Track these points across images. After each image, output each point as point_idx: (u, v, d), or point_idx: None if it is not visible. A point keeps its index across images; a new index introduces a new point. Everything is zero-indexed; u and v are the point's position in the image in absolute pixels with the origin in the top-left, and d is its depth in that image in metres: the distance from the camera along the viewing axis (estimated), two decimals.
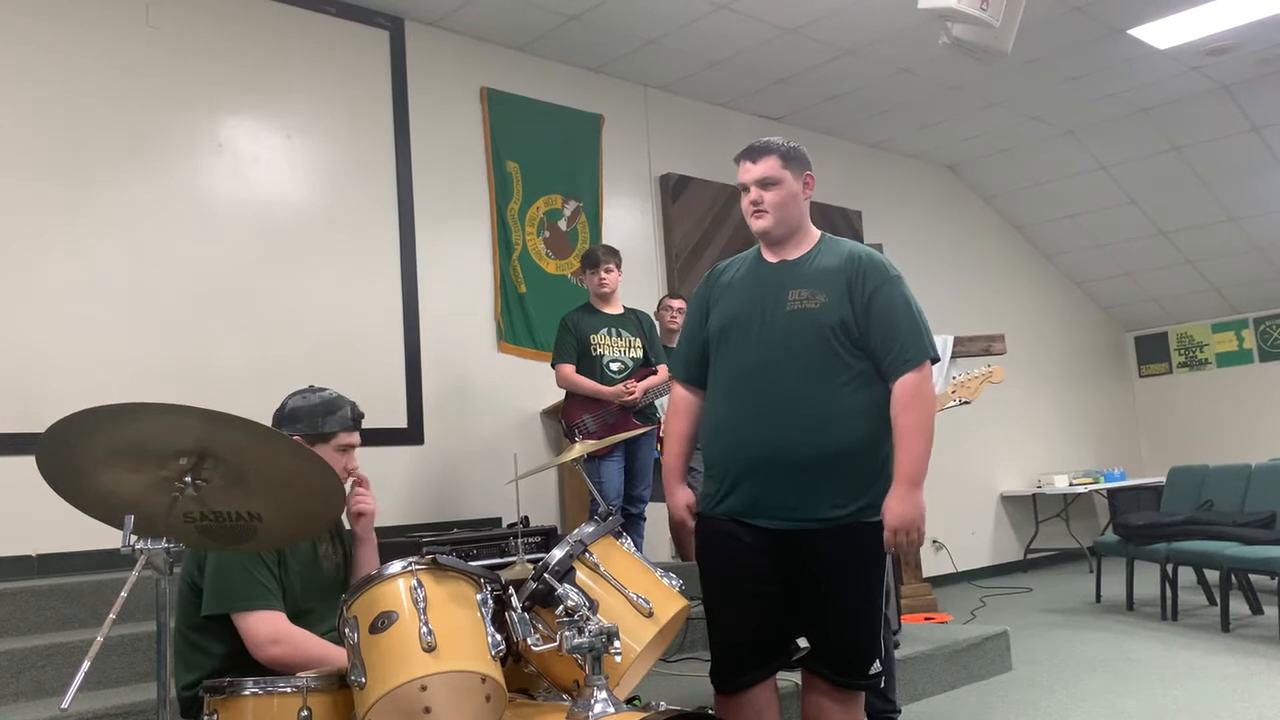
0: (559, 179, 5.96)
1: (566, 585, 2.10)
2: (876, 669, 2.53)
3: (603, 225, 6.12)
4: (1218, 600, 5.54)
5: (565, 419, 4.67)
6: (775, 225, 2.57)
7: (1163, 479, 6.67)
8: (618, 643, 1.99)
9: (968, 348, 5.28)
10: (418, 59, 5.46)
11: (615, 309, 4.74)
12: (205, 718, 1.99)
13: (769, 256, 2.62)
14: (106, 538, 2.10)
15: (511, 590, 2.11)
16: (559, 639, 1.98)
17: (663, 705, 2.06)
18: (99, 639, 1.55)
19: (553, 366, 4.68)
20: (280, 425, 2.39)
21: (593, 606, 2.04)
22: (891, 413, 2.45)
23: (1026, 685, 4.24)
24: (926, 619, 5.40)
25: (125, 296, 4.37)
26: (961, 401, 4.00)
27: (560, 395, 4.79)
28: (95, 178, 4.36)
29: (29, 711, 2.93)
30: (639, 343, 4.71)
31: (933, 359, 2.49)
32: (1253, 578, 5.72)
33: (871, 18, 5.70)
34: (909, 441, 2.42)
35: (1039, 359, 8.96)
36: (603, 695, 1.93)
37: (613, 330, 4.67)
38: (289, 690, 1.96)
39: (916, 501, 2.41)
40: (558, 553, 2.19)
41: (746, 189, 2.59)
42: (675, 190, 6.48)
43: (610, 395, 4.53)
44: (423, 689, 1.86)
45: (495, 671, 1.94)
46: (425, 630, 1.89)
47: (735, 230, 6.63)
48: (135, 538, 1.70)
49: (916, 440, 2.42)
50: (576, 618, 1.99)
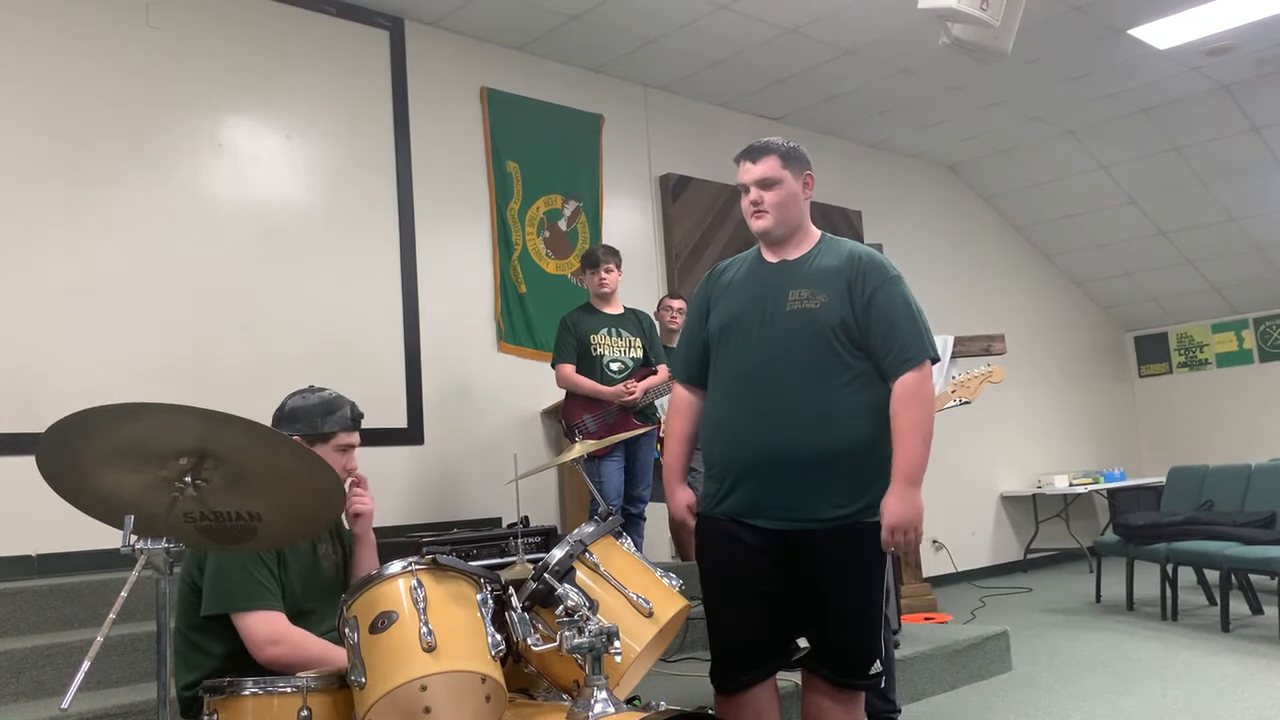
0: (559, 179, 5.96)
1: (566, 585, 2.10)
2: (877, 669, 2.53)
3: (603, 225, 6.13)
4: (1218, 600, 5.54)
5: (565, 419, 4.67)
6: (775, 225, 2.57)
7: (1163, 479, 6.67)
8: (618, 643, 1.99)
9: (968, 348, 5.28)
10: (418, 59, 5.46)
11: (615, 309, 4.74)
12: (205, 718, 1.99)
13: (769, 256, 2.62)
14: (106, 538, 2.10)
15: (511, 590, 2.11)
16: (559, 639, 1.98)
17: (663, 705, 2.06)
18: (99, 639, 1.55)
19: (553, 366, 4.68)
20: (280, 425, 2.39)
21: (593, 606, 2.04)
22: (890, 412, 2.45)
23: (1026, 685, 4.24)
24: (926, 619, 5.40)
25: (125, 296, 4.37)
26: (961, 401, 3.99)
27: (560, 395, 4.79)
28: (95, 178, 4.36)
29: (29, 711, 2.93)
30: (639, 343, 4.71)
31: (933, 359, 2.49)
32: (1253, 578, 5.72)
33: (871, 18, 5.70)
34: (907, 440, 2.42)
35: (1039, 359, 8.96)
36: (603, 695, 1.93)
37: (613, 330, 4.67)
38: (289, 690, 1.96)
39: (914, 501, 2.41)
40: (558, 553, 2.19)
41: (746, 189, 2.59)
42: (675, 190, 6.48)
43: (610, 395, 4.53)
44: (423, 689, 1.86)
45: (495, 671, 1.94)
46: (425, 630, 1.89)
47: (735, 230, 6.63)
48: (135, 538, 1.71)
49: (915, 439, 2.42)
50: (576, 618, 1.99)
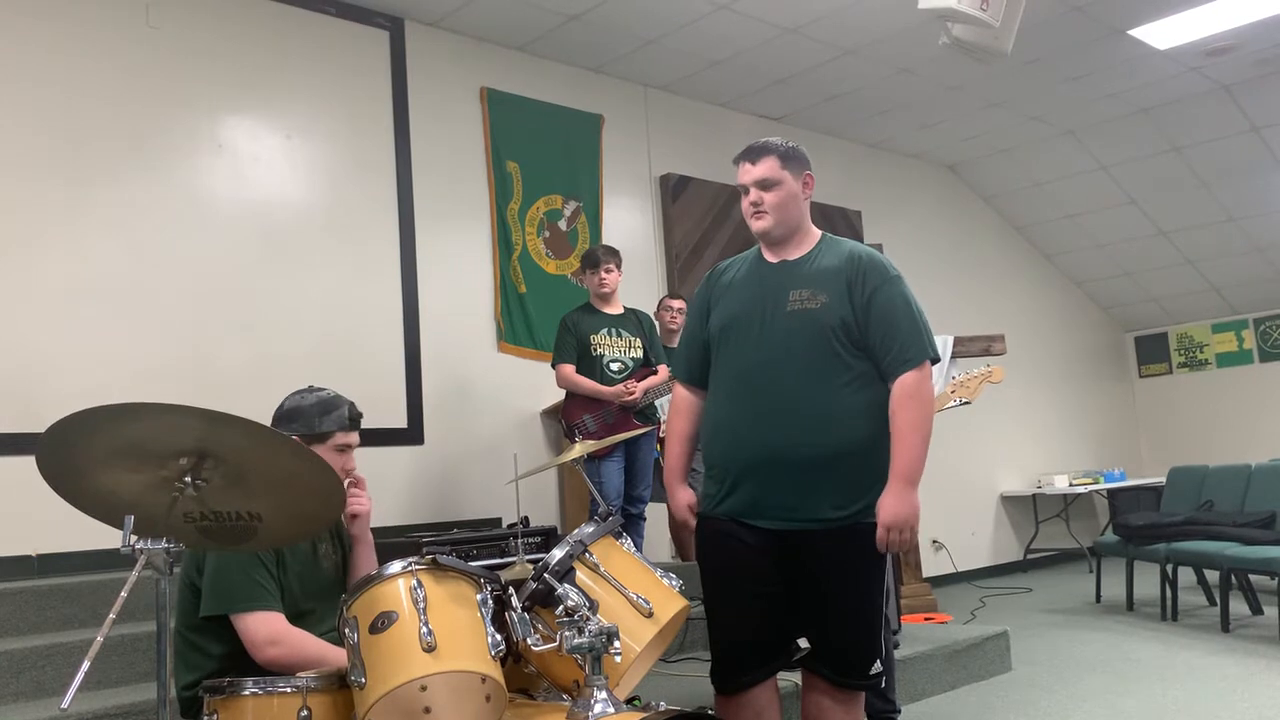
0: (559, 179, 5.96)
1: (566, 585, 2.10)
2: (877, 669, 2.53)
3: (603, 225, 6.12)
4: (1218, 600, 5.54)
5: (565, 419, 4.67)
6: (775, 226, 2.57)
7: (1163, 479, 6.67)
8: (618, 643, 1.99)
9: (967, 348, 5.28)
10: (418, 59, 5.46)
11: (615, 309, 4.74)
12: (205, 718, 1.99)
13: (769, 257, 2.62)
14: (106, 538, 2.10)
15: (511, 590, 2.11)
16: (559, 639, 1.98)
17: (663, 705, 2.06)
18: (99, 639, 1.55)
19: (553, 366, 4.68)
20: (278, 425, 2.39)
21: (593, 606, 2.04)
22: (889, 411, 2.45)
23: (1026, 685, 4.24)
24: (926, 619, 5.40)
25: (125, 296, 4.37)
26: (961, 401, 3.99)
27: (560, 395, 4.79)
28: (95, 178, 4.36)
29: (29, 711, 2.93)
30: (639, 343, 4.71)
31: (932, 359, 2.49)
32: (1253, 578, 5.72)
33: (871, 18, 5.70)
34: (906, 440, 2.42)
35: (1039, 359, 8.96)
36: (603, 695, 1.93)
37: (613, 330, 4.67)
38: (289, 690, 1.96)
39: (911, 500, 2.41)
40: (558, 553, 2.19)
41: (746, 190, 2.59)
42: (675, 190, 6.48)
43: (610, 395, 4.53)
44: (423, 689, 1.86)
45: (495, 671, 1.94)
46: (425, 630, 1.89)
47: (735, 230, 6.63)
48: (135, 538, 1.70)
49: (913, 439, 2.41)
50: (576, 618, 1.99)
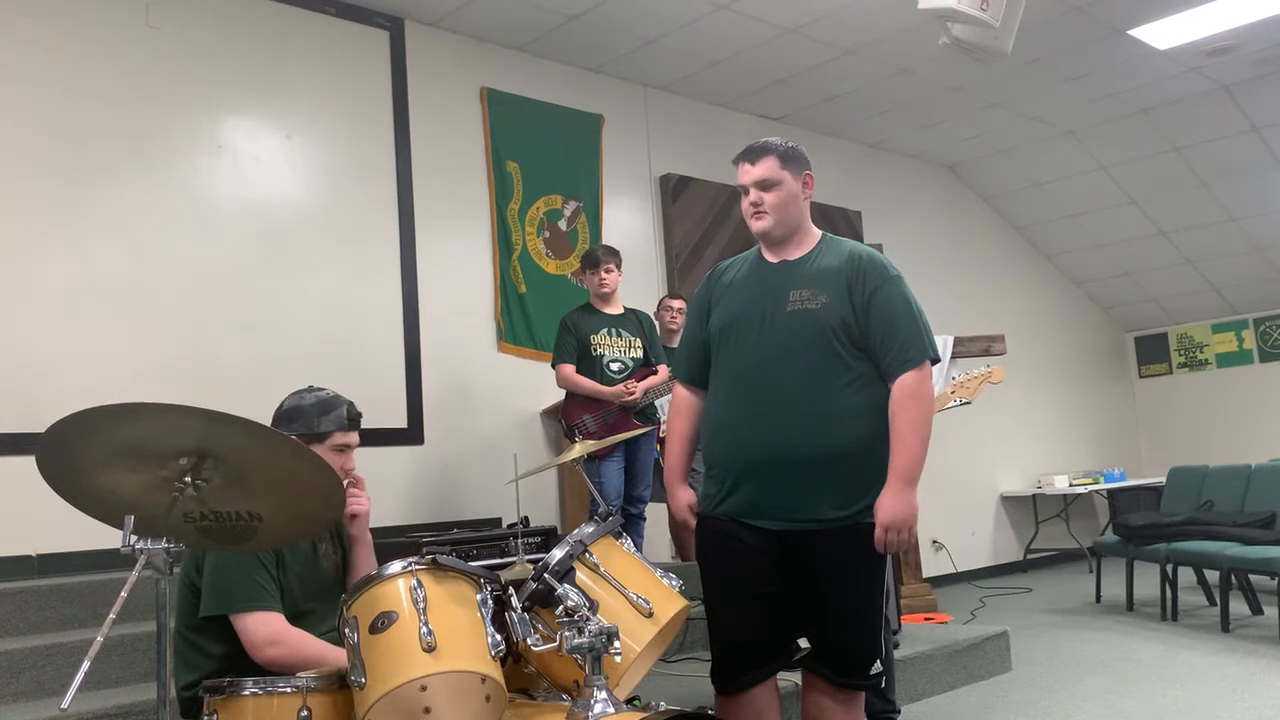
0: (559, 179, 5.96)
1: (566, 585, 2.10)
2: (877, 669, 2.53)
3: (603, 225, 6.12)
4: (1218, 600, 5.54)
5: (565, 419, 4.67)
6: (775, 226, 2.57)
7: (1163, 479, 6.67)
8: (618, 643, 1.99)
9: (967, 348, 5.28)
10: (418, 59, 5.46)
11: (615, 309, 4.74)
12: (205, 718, 1.99)
13: (770, 257, 2.62)
14: (106, 538, 2.10)
15: (511, 590, 2.11)
16: (559, 639, 1.98)
17: (663, 705, 2.06)
18: (99, 639, 1.55)
19: (553, 366, 4.68)
20: (278, 425, 2.39)
21: (593, 607, 2.04)
22: (889, 411, 2.45)
23: (1026, 685, 4.24)
24: (926, 619, 5.40)
25: (125, 296, 4.37)
26: (961, 402, 3.99)
27: (560, 395, 4.79)
28: (95, 178, 4.36)
29: (29, 711, 2.93)
30: (639, 343, 4.71)
31: (933, 359, 2.49)
32: (1253, 578, 5.72)
33: (871, 18, 5.70)
34: (905, 440, 2.41)
35: (1039, 359, 8.96)
36: (603, 695, 1.93)
37: (613, 330, 4.67)
38: (289, 690, 1.96)
39: (909, 500, 2.40)
40: (558, 553, 2.19)
41: (746, 191, 2.59)
42: (675, 190, 6.48)
43: (610, 395, 4.53)
44: (423, 689, 1.86)
45: (495, 671, 1.94)
46: (425, 630, 1.89)
47: (735, 230, 6.63)
48: (135, 538, 1.70)
49: (913, 439, 2.41)
50: (576, 618, 1.98)
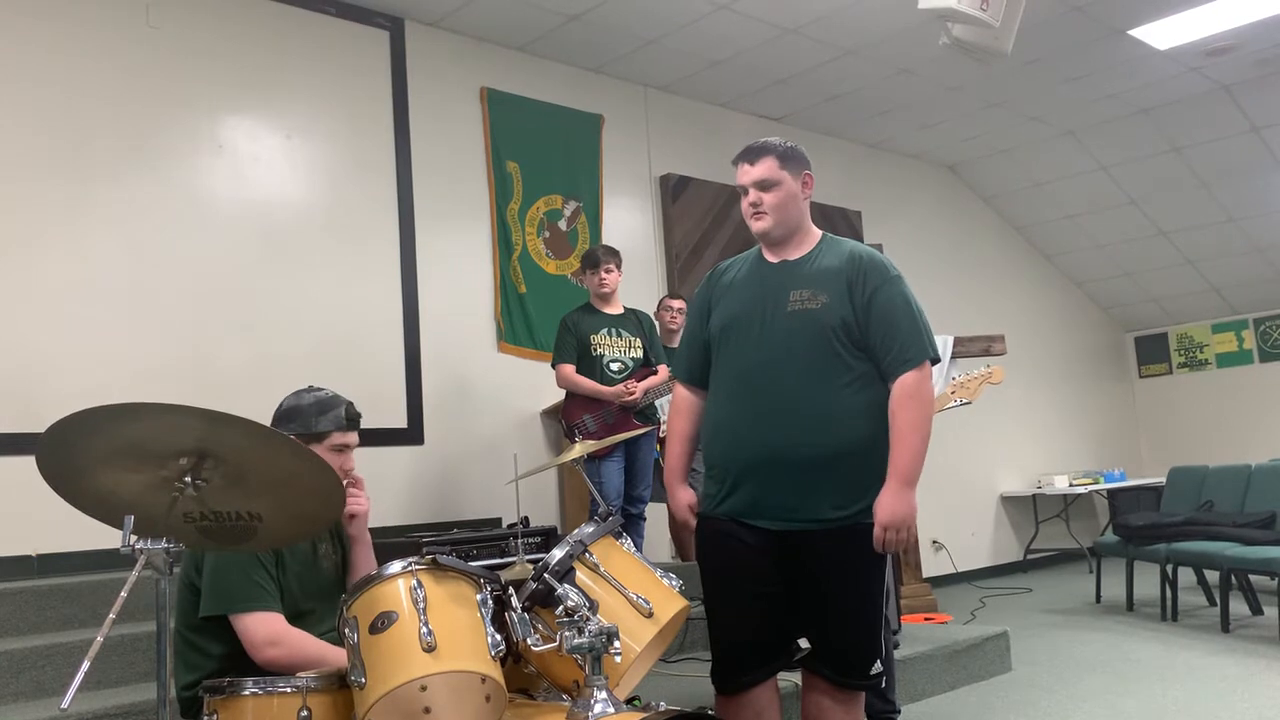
0: (559, 179, 5.96)
1: (566, 585, 2.10)
2: (877, 669, 2.53)
3: (603, 225, 6.12)
4: (1217, 601, 5.54)
5: (565, 419, 4.67)
6: (775, 226, 2.57)
7: (1163, 479, 6.67)
8: (617, 643, 1.99)
9: (967, 348, 5.27)
10: (418, 59, 5.46)
11: (615, 309, 4.74)
12: (205, 718, 1.98)
13: (770, 257, 2.62)
14: (106, 538, 2.10)
15: (511, 590, 2.10)
16: (559, 639, 1.98)
17: (663, 705, 2.06)
18: (99, 639, 1.54)
19: (553, 367, 4.68)
20: (277, 425, 2.38)
21: (593, 607, 2.04)
22: (889, 411, 2.45)
23: (1026, 685, 4.24)
24: (926, 619, 5.40)
25: (125, 296, 4.37)
26: (962, 402, 3.99)
27: (560, 395, 4.79)
28: (95, 177, 4.36)
29: (29, 711, 2.93)
30: (639, 343, 4.71)
31: (933, 359, 2.49)
32: (1253, 578, 5.72)
33: (871, 18, 5.70)
34: (905, 439, 2.42)
35: (1039, 359, 8.96)
36: (602, 695, 1.93)
37: (613, 330, 4.67)
38: (289, 690, 1.96)
39: (908, 500, 2.40)
40: (558, 553, 2.19)
41: (745, 191, 2.59)
42: (675, 190, 6.48)
43: (610, 395, 4.53)
44: (422, 689, 1.86)
45: (495, 671, 1.94)
46: (425, 630, 1.89)
47: (735, 230, 6.63)
48: (135, 538, 1.70)
49: (912, 439, 2.41)
50: (576, 618, 1.98)
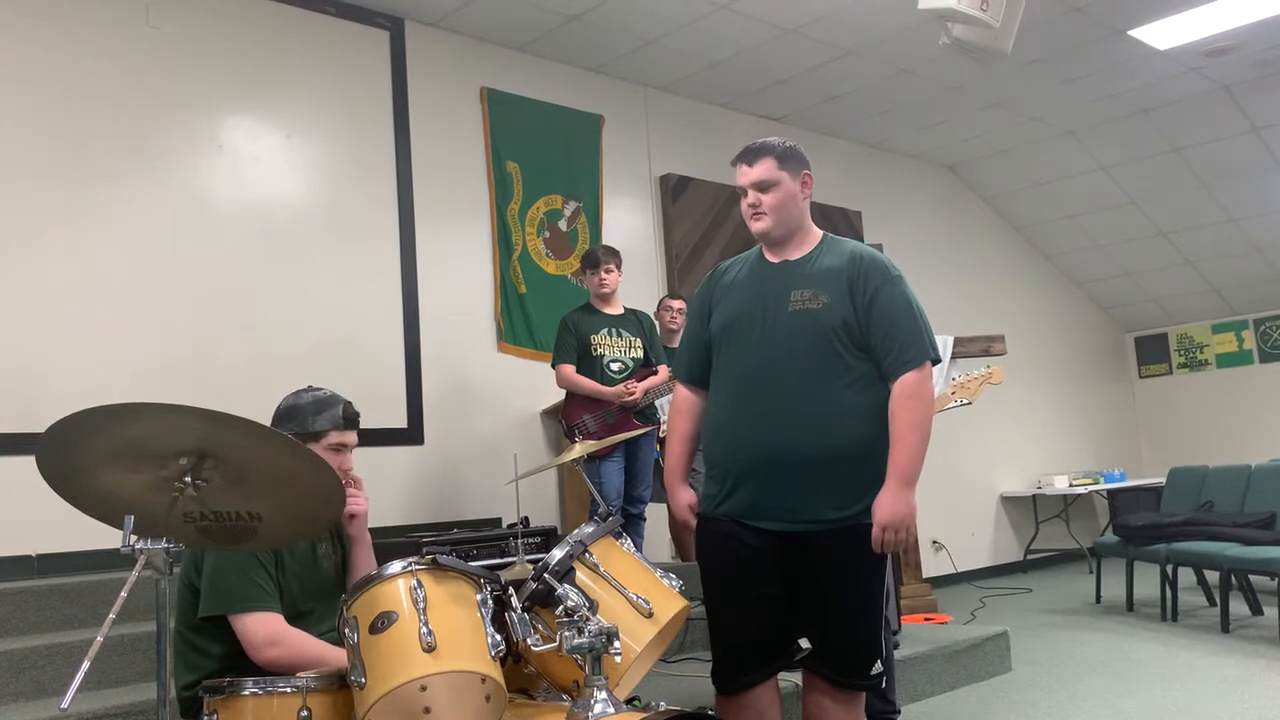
0: (559, 179, 5.96)
1: (566, 585, 2.10)
2: (878, 669, 2.53)
3: (603, 225, 6.12)
4: (1217, 601, 5.54)
5: (565, 419, 4.67)
6: (774, 227, 2.56)
7: (1163, 480, 6.67)
8: (617, 643, 1.99)
9: (967, 348, 5.27)
10: (418, 59, 5.46)
11: (615, 309, 4.74)
12: (205, 718, 1.98)
13: (771, 257, 2.62)
14: (106, 538, 2.10)
15: (511, 590, 2.10)
16: (559, 639, 1.98)
17: (663, 705, 2.06)
18: (99, 639, 1.54)
19: (553, 367, 4.68)
20: (276, 425, 2.39)
21: (593, 607, 2.04)
22: (889, 411, 2.45)
23: (1026, 686, 4.24)
24: (926, 619, 5.40)
25: (125, 296, 4.37)
26: (962, 402, 3.99)
27: (560, 395, 4.79)
28: (95, 177, 4.36)
29: (29, 711, 2.93)
30: (639, 343, 4.71)
31: (933, 359, 2.49)
32: (1253, 578, 5.72)
33: (871, 18, 5.70)
34: (904, 439, 2.41)
35: (1039, 359, 8.96)
36: (602, 695, 1.93)
37: (613, 330, 4.67)
38: (289, 690, 1.96)
39: (908, 500, 2.40)
40: (558, 553, 2.19)
41: (744, 192, 2.58)
42: (675, 190, 6.48)
43: (610, 395, 4.52)
44: (422, 689, 1.86)
45: (495, 671, 1.94)
46: (425, 630, 1.89)
47: (735, 230, 6.63)
48: (135, 538, 1.70)
49: (912, 439, 2.41)
50: (576, 618, 1.98)
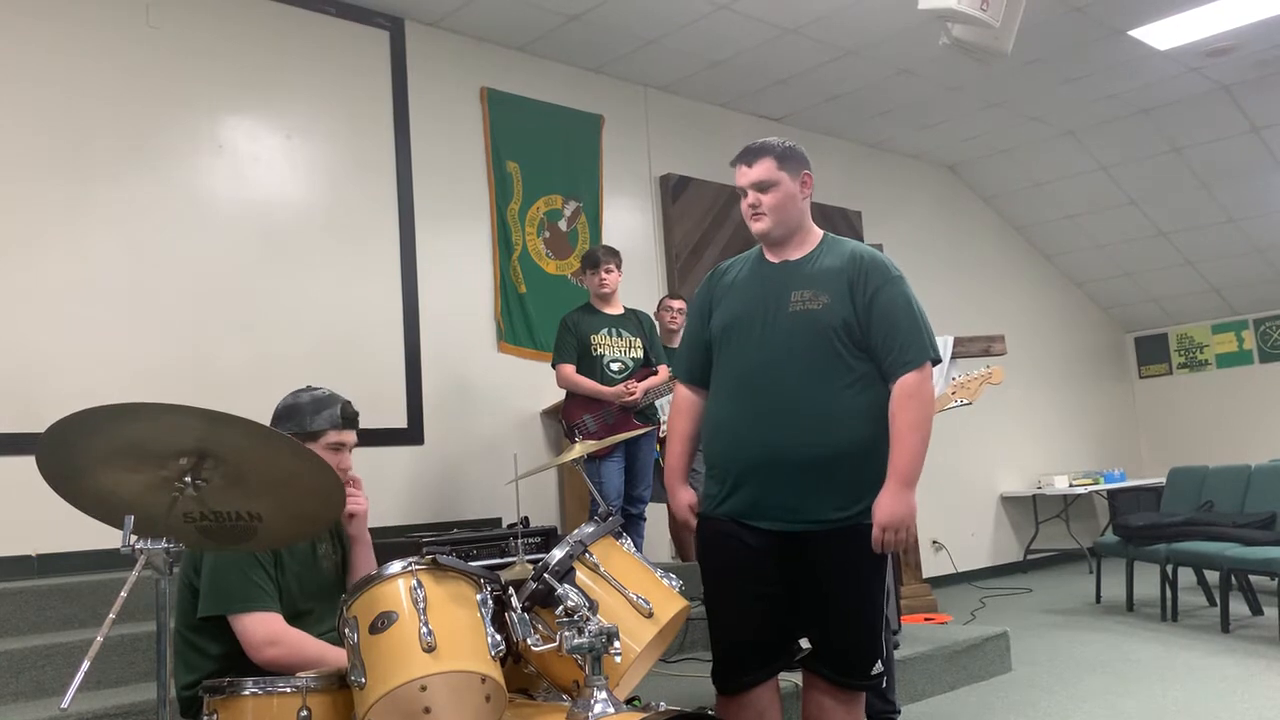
0: (559, 179, 5.96)
1: (566, 585, 2.10)
2: (878, 669, 2.53)
3: (603, 225, 6.12)
4: (1217, 601, 5.54)
5: (565, 419, 4.67)
6: (774, 227, 2.56)
7: (1163, 480, 6.67)
8: (617, 643, 1.99)
9: (967, 348, 5.27)
10: (418, 59, 5.46)
11: (615, 309, 4.74)
12: (205, 718, 1.98)
13: (771, 257, 2.62)
14: (106, 538, 2.10)
15: (511, 590, 2.10)
16: (559, 639, 1.98)
17: (663, 705, 2.06)
18: (99, 639, 1.54)
19: (553, 367, 4.68)
20: (275, 424, 2.39)
21: (593, 607, 2.04)
22: (889, 411, 2.45)
23: (1026, 686, 4.24)
24: (926, 619, 5.40)
25: (125, 296, 4.37)
26: (962, 402, 3.99)
27: (560, 395, 4.79)
28: (95, 177, 4.36)
29: (29, 711, 2.93)
30: (639, 343, 4.71)
31: (933, 360, 2.49)
32: (1253, 578, 5.72)
33: (871, 18, 5.70)
34: (905, 440, 2.41)
35: (1039, 359, 8.96)
36: (602, 695, 1.93)
37: (613, 330, 4.67)
38: (288, 690, 1.96)
39: (908, 501, 2.40)
40: (558, 553, 2.19)
41: (744, 193, 2.58)
42: (675, 190, 6.48)
43: (610, 395, 4.52)
44: (422, 689, 1.86)
45: (495, 671, 1.94)
46: (425, 630, 1.89)
47: (735, 230, 6.63)
48: (135, 538, 1.70)
49: (912, 439, 2.41)
50: (576, 618, 1.98)
